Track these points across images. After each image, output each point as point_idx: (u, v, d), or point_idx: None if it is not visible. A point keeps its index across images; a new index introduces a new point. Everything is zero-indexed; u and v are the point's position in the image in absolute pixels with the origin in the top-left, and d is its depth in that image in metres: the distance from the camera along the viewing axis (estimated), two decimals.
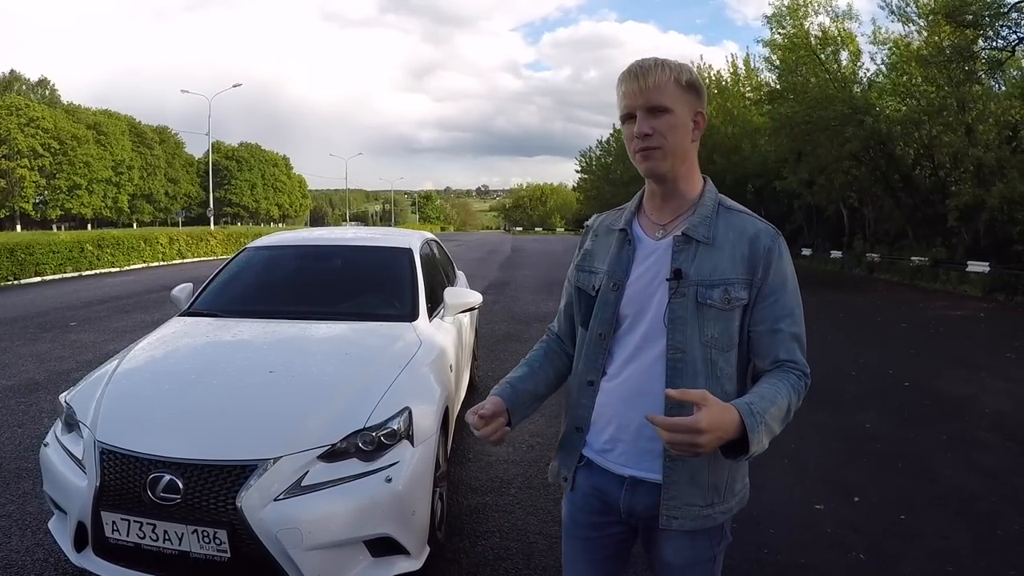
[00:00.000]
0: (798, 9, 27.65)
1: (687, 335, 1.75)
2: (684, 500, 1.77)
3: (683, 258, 1.78)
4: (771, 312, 1.78)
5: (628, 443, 1.83)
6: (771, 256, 1.78)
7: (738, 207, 1.87)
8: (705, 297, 1.75)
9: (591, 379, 1.91)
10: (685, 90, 1.76)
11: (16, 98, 72.46)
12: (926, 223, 25.79)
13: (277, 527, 2.86)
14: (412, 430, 3.35)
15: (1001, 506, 4.72)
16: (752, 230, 1.80)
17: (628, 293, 1.85)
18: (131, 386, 3.63)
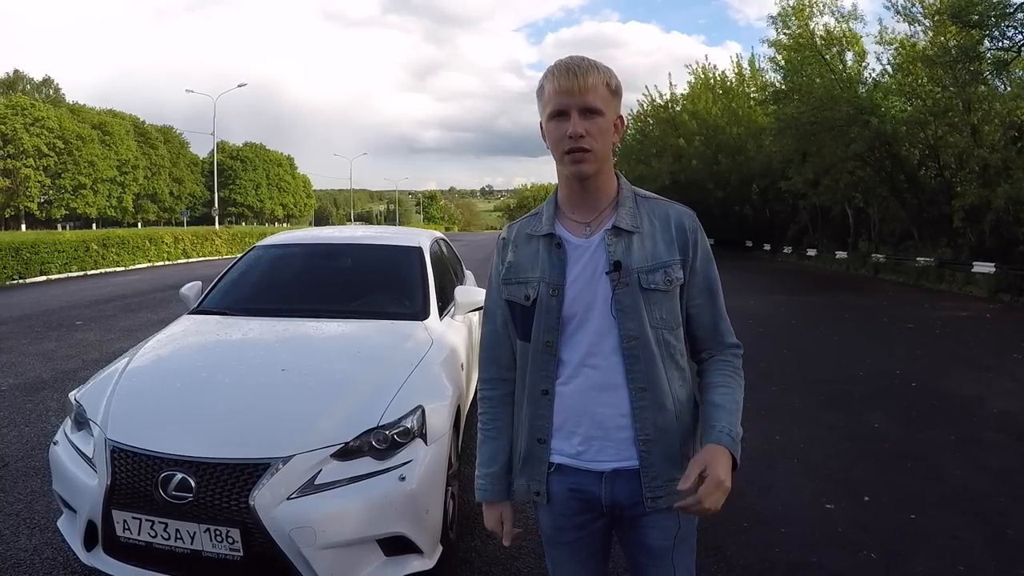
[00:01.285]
0: (803, 9, 27.59)
1: (637, 322, 1.81)
2: (664, 478, 1.82)
3: (618, 250, 1.82)
4: (705, 286, 1.91)
5: (603, 439, 1.85)
6: (696, 235, 1.89)
7: (652, 195, 1.96)
8: (648, 282, 1.81)
9: (544, 388, 1.90)
10: (613, 94, 1.81)
11: (21, 98, 72.57)
12: (931, 224, 25.69)
13: (290, 526, 2.85)
14: (425, 429, 3.34)
15: (1010, 505, 4.70)
16: (675, 214, 1.90)
17: (569, 295, 1.85)
18: (141, 384, 3.62)
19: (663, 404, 1.82)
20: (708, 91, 39.79)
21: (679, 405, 1.86)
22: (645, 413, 1.81)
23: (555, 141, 1.82)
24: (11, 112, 68.59)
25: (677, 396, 1.85)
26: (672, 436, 1.84)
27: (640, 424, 1.81)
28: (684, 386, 1.88)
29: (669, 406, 1.83)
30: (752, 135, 35.82)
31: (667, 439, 1.83)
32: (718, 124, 37.56)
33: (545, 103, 1.82)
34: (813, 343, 11.39)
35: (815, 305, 16.76)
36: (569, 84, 1.76)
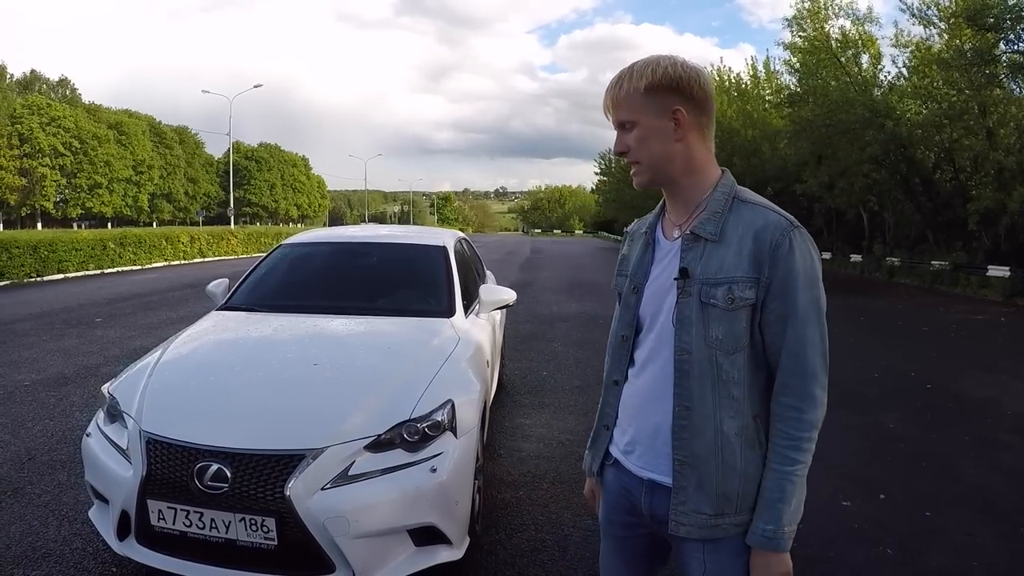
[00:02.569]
0: (819, 12, 27.53)
1: (692, 336, 1.71)
2: (692, 507, 1.72)
3: (690, 257, 1.74)
4: (782, 312, 1.68)
5: (645, 446, 1.83)
6: (779, 251, 1.66)
7: (755, 199, 1.78)
8: (708, 296, 1.70)
9: (616, 379, 1.94)
10: (649, 95, 1.72)
11: (38, 97, 73.07)
12: (946, 227, 25.60)
13: (324, 515, 2.91)
14: (455, 422, 3.41)
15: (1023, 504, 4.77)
16: (763, 224, 1.70)
17: (646, 295, 1.85)
18: (175, 377, 3.69)
19: (703, 430, 1.71)
20: (723, 93, 39.67)
21: (722, 438, 1.70)
22: (684, 433, 1.72)
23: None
24: (28, 112, 69.10)
25: (722, 427, 1.70)
26: (708, 467, 1.71)
27: (678, 443, 1.73)
28: (735, 419, 1.70)
29: (709, 435, 1.70)
30: (767, 138, 35.70)
31: (703, 468, 1.71)
32: (733, 127, 37.41)
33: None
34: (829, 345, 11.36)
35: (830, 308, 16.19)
36: (605, 101, 1.79)
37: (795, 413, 1.68)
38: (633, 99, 1.73)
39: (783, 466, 1.67)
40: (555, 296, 16.67)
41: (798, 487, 1.68)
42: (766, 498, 1.68)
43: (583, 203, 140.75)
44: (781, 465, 1.68)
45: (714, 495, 1.70)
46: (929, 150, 26.90)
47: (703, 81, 1.74)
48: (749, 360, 1.71)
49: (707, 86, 1.75)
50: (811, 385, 1.68)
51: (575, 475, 4.99)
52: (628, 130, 1.76)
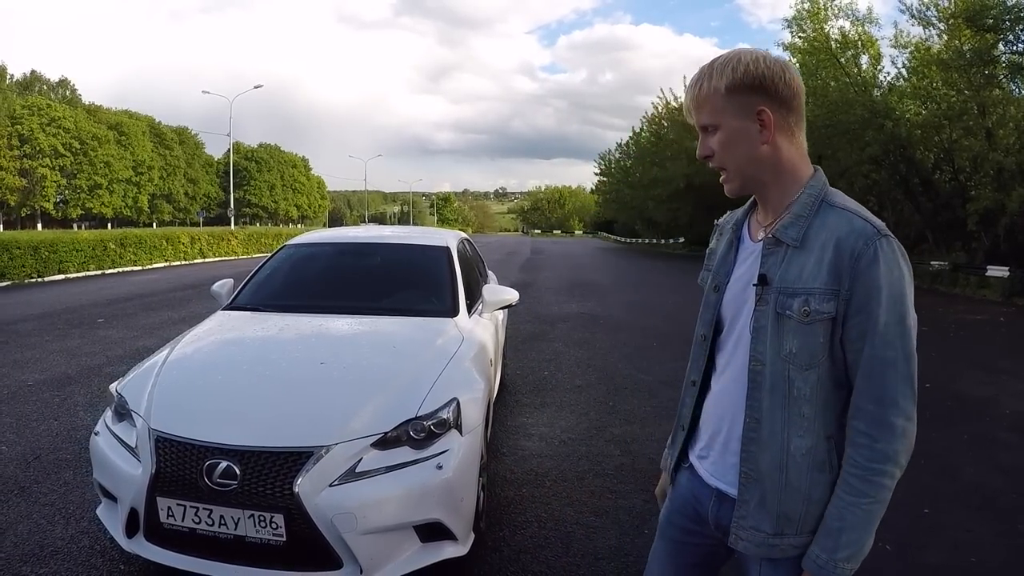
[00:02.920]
0: (818, 12, 27.57)
1: (767, 347, 1.62)
2: (752, 523, 1.67)
3: (770, 262, 1.65)
4: (863, 329, 1.54)
5: (717, 453, 1.78)
6: (861, 261, 1.53)
7: (845, 203, 1.64)
8: (784, 307, 1.60)
9: (693, 379, 1.88)
10: (731, 95, 1.61)
11: (38, 98, 73.11)
12: (946, 227, 25.61)
13: (332, 512, 2.95)
14: (460, 420, 3.45)
15: (1022, 502, 4.81)
16: (846, 231, 1.56)
17: (727, 296, 1.78)
18: (183, 376, 3.73)
19: (769, 445, 1.63)
20: None
21: (788, 456, 1.62)
22: (752, 446, 1.66)
23: None
24: (28, 112, 69.11)
25: (789, 446, 1.62)
26: (772, 484, 1.64)
27: (745, 455, 1.67)
28: (804, 438, 1.61)
29: (775, 452, 1.63)
30: None
31: (766, 484, 1.64)
32: None
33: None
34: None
35: None
36: (685, 103, 1.71)
37: (866, 440, 1.55)
38: (714, 100, 1.63)
39: (848, 495, 1.57)
40: (555, 296, 16.70)
41: (863, 521, 1.55)
42: (826, 524, 1.59)
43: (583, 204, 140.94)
44: (846, 493, 1.57)
45: (775, 514, 1.64)
46: (929, 151, 26.89)
47: (788, 77, 1.62)
48: (827, 377, 1.60)
49: (793, 82, 1.63)
50: (888, 412, 1.54)
51: (577, 473, 5.05)
52: (711, 133, 1.67)
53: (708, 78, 1.63)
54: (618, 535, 4.11)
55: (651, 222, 50.32)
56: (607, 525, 4.24)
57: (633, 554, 3.87)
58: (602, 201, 77.93)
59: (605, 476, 5.03)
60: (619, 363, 9.05)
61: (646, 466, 5.23)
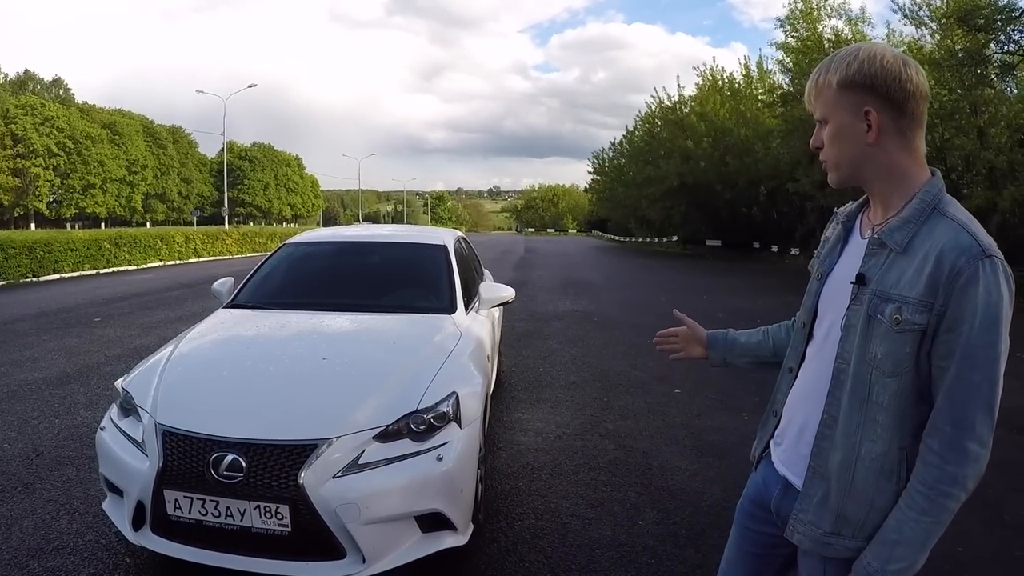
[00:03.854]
0: (811, 12, 27.72)
1: (854, 347, 1.62)
2: (811, 518, 1.67)
3: (871, 263, 1.63)
4: (952, 348, 1.50)
5: (791, 442, 1.79)
6: (958, 279, 1.48)
7: (957, 215, 1.57)
8: (877, 310, 1.57)
9: (791, 366, 1.88)
10: (842, 91, 1.60)
11: (31, 97, 72.83)
12: None
13: (336, 502, 3.03)
14: (460, 413, 3.54)
15: (1009, 494, 4.87)
16: (948, 244, 1.51)
17: (827, 287, 1.78)
18: (187, 372, 3.81)
19: (840, 446, 1.63)
20: (716, 93, 39.78)
21: (858, 460, 1.61)
22: (824, 443, 1.66)
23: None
24: (21, 112, 68.82)
25: (860, 449, 1.61)
26: (837, 484, 1.63)
27: (817, 450, 1.68)
28: (875, 444, 1.59)
29: (846, 452, 1.62)
30: (760, 137, 35.80)
31: (831, 483, 1.64)
32: (726, 126, 37.51)
33: None
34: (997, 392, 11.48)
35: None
36: (808, 90, 1.71)
37: (936, 460, 1.53)
38: (827, 93, 1.63)
39: (910, 509, 1.55)
40: (549, 295, 16.76)
41: (920, 538, 1.55)
42: (883, 534, 1.58)
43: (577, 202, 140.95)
44: (908, 508, 1.55)
45: (835, 513, 1.64)
46: None
47: (905, 79, 1.57)
48: (909, 388, 1.57)
49: (909, 84, 1.57)
50: (963, 437, 1.51)
51: (572, 467, 5.15)
52: (823, 125, 1.67)
53: (825, 70, 1.63)
54: (613, 526, 4.20)
55: (645, 220, 50.31)
56: (602, 516, 4.33)
57: (627, 544, 3.97)
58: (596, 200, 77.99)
59: (599, 469, 5.11)
60: (613, 360, 9.12)
61: (640, 460, 5.32)
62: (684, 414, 6.59)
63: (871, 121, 1.58)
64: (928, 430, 1.55)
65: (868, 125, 1.59)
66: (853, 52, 1.61)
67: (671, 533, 4.08)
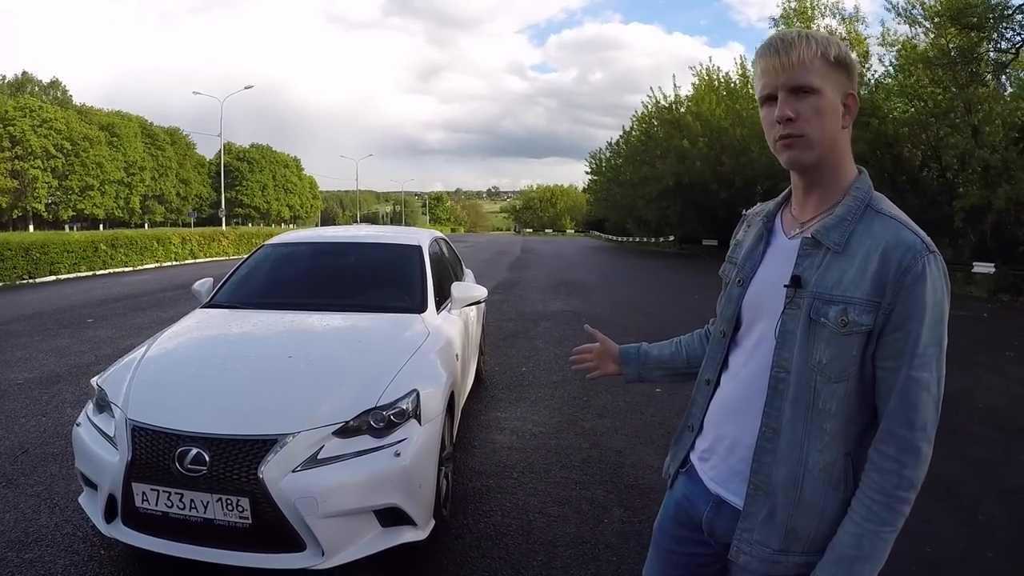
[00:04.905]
0: (805, 11, 27.78)
1: (793, 353, 1.53)
2: (759, 537, 1.58)
3: (807, 264, 1.55)
4: (900, 347, 1.47)
5: (721, 457, 1.69)
6: (907, 276, 1.44)
7: (891, 211, 1.54)
8: (819, 313, 1.50)
9: (708, 378, 1.78)
10: (834, 67, 1.52)
11: (29, 99, 72.96)
12: (933, 224, 25.56)
13: (295, 496, 3.11)
14: (420, 410, 3.61)
15: (984, 493, 4.88)
16: (893, 242, 1.47)
17: (750, 292, 1.68)
18: (159, 370, 3.91)
19: (786, 459, 1.55)
20: (712, 92, 39.80)
21: (806, 470, 1.53)
22: (765, 457, 1.57)
23: (767, 129, 1.59)
24: (19, 114, 68.98)
25: (807, 460, 1.53)
26: (784, 499, 1.55)
27: (757, 466, 1.58)
28: (823, 453, 1.53)
29: (792, 464, 1.54)
30: (756, 136, 35.69)
31: (778, 498, 1.55)
32: (722, 125, 37.48)
33: (756, 90, 1.61)
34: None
35: None
36: (771, 63, 1.53)
37: (894, 466, 1.48)
38: (817, 64, 1.50)
39: (868, 522, 1.49)
40: (541, 295, 16.79)
41: (880, 551, 1.49)
42: (837, 550, 1.50)
43: (574, 202, 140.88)
44: (865, 520, 1.49)
45: (784, 529, 1.56)
46: (916, 148, 27.06)
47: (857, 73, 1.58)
48: (855, 393, 1.53)
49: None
50: (917, 438, 1.47)
51: (544, 465, 5.20)
52: (801, 97, 1.51)
53: (808, 41, 1.51)
54: (578, 524, 4.24)
55: (641, 220, 50.28)
56: (568, 514, 4.38)
57: (590, 542, 4.02)
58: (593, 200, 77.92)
59: (571, 468, 5.16)
60: None
61: (612, 458, 5.38)
62: (662, 413, 6.62)
63: (849, 106, 1.55)
64: (881, 436, 1.50)
65: (846, 108, 1.55)
66: (826, 35, 1.57)
67: (635, 531, 4.12)
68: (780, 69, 1.51)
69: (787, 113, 1.50)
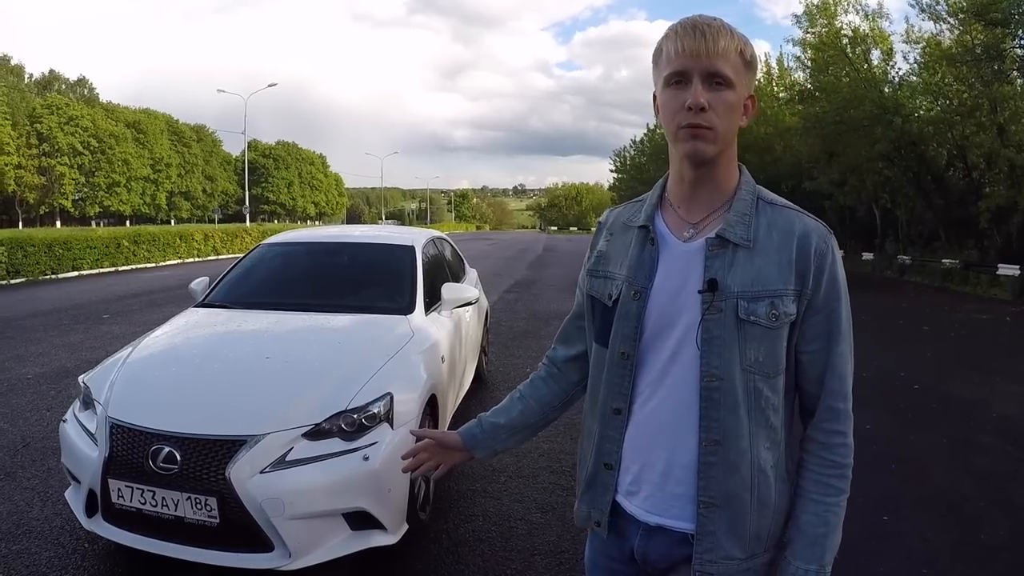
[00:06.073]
0: (828, 8, 27.39)
1: (725, 359, 1.47)
2: (723, 553, 1.51)
3: (718, 265, 1.49)
4: (824, 328, 1.50)
5: (654, 486, 1.57)
6: (824, 260, 1.48)
7: (781, 201, 1.56)
8: (748, 312, 1.46)
9: (617, 407, 1.61)
10: (747, 66, 1.49)
11: (56, 97, 73.94)
12: (959, 225, 25.36)
13: (261, 497, 3.14)
14: (392, 414, 3.60)
15: (989, 510, 4.64)
16: (801, 229, 1.49)
17: (652, 304, 1.55)
18: (141, 369, 3.95)
19: (737, 466, 1.49)
20: None
21: (758, 472, 1.50)
22: (713, 471, 1.49)
23: (670, 113, 1.48)
24: (47, 111, 69.97)
25: (758, 460, 1.50)
26: (742, 506, 1.50)
27: (704, 482, 1.50)
28: (772, 450, 1.52)
29: (744, 470, 1.49)
30: (779, 134, 35.53)
31: (735, 508, 1.50)
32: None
33: (662, 68, 1.50)
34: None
35: None
36: (695, 45, 1.44)
37: (841, 439, 1.53)
38: (735, 60, 1.47)
39: (827, 497, 1.52)
40: (557, 294, 16.77)
41: (840, 519, 1.53)
42: (809, 534, 1.51)
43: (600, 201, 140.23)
44: (824, 496, 1.52)
45: (748, 536, 1.52)
46: (941, 147, 26.70)
47: None
48: (790, 382, 1.55)
49: None
50: (849, 406, 1.54)
51: (533, 470, 5.15)
52: (715, 88, 1.45)
53: (730, 33, 1.47)
54: (559, 532, 4.17)
55: None
56: (550, 522, 4.30)
57: (569, 551, 3.92)
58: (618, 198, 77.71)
59: (560, 473, 5.08)
60: None
61: None
62: None
63: (748, 107, 1.52)
64: (823, 415, 1.53)
65: (745, 108, 1.51)
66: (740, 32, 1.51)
67: None
68: (703, 53, 1.44)
69: (701, 101, 1.43)
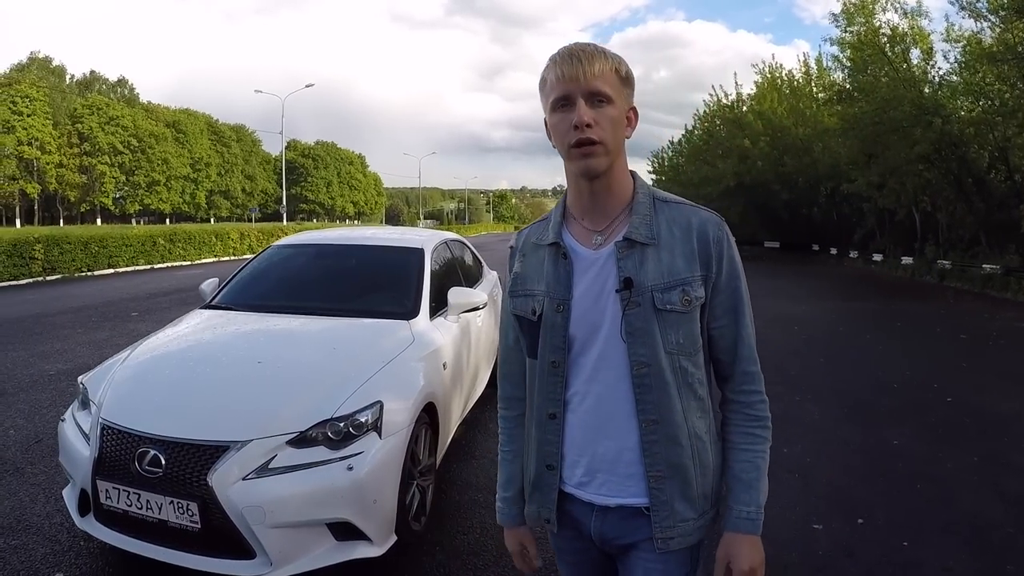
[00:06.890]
0: (866, 6, 26.86)
1: (649, 347, 1.63)
2: (679, 518, 1.67)
3: (630, 265, 1.64)
4: (730, 304, 1.70)
5: (607, 472, 1.71)
6: (722, 247, 1.68)
7: (674, 198, 1.73)
8: (664, 302, 1.62)
9: (552, 412, 1.75)
10: (624, 82, 1.65)
11: (97, 97, 75.46)
12: (1000, 229, 24.67)
13: (242, 504, 3.10)
14: (380, 423, 3.51)
15: (1018, 537, 4.29)
16: (698, 222, 1.68)
17: (576, 313, 1.70)
18: (137, 370, 3.96)
19: (676, 439, 1.66)
20: (774, 91, 39.08)
21: (695, 440, 1.68)
22: (656, 448, 1.65)
23: (560, 134, 1.64)
24: (88, 111, 71.48)
25: (694, 429, 1.68)
26: (687, 473, 1.67)
27: (651, 460, 1.66)
28: (703, 417, 1.71)
29: (684, 441, 1.66)
30: (818, 135, 35.01)
31: (681, 476, 1.67)
32: (784, 124, 36.85)
33: (548, 94, 1.65)
34: (854, 352, 10.71)
35: (868, 312, 16.13)
36: (573, 70, 1.59)
37: (759, 397, 1.75)
38: (612, 78, 1.62)
39: (754, 445, 1.74)
40: None
41: (766, 465, 1.74)
42: (743, 479, 1.71)
43: None
44: (752, 445, 1.74)
45: (697, 498, 1.69)
46: (983, 149, 26.04)
47: None
48: (704, 357, 1.73)
49: None
50: (759, 367, 1.76)
51: None
52: (599, 106, 1.61)
53: (603, 56, 1.63)
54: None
55: None
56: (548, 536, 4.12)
57: None
58: None
59: None
60: None
61: None
62: None
63: (631, 118, 1.70)
64: (741, 379, 1.75)
65: (628, 121, 1.70)
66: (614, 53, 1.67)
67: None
68: (581, 77, 1.60)
69: (586, 118, 1.59)
